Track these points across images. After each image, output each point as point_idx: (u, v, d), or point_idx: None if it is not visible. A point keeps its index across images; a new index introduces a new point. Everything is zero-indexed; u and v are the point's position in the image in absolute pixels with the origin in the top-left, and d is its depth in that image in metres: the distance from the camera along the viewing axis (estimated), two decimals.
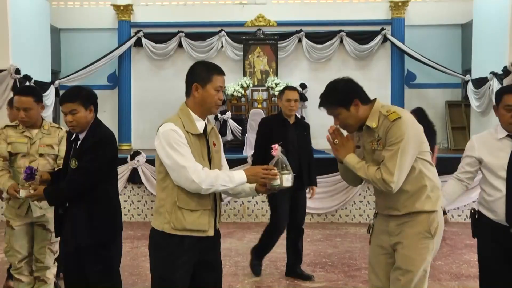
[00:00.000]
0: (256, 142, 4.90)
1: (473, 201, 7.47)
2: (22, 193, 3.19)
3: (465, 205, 7.57)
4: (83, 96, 3.02)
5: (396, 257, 2.69)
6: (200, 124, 2.64)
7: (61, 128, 3.82)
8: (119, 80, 11.70)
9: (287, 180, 2.60)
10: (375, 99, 2.71)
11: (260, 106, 10.73)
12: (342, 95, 2.63)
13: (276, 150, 2.62)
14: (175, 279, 2.56)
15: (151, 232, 2.66)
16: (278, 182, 2.57)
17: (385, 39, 11.35)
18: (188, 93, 2.67)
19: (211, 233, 2.60)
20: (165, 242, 2.58)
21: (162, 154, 2.54)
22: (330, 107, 2.66)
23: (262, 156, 4.25)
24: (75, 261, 3.03)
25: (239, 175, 2.55)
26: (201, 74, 2.62)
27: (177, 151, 2.49)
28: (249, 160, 7.40)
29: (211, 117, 3.00)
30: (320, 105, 2.73)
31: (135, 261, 5.56)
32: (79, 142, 3.04)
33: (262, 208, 7.60)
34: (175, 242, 2.55)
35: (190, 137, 2.57)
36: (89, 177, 2.95)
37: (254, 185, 2.66)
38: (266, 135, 4.53)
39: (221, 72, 2.67)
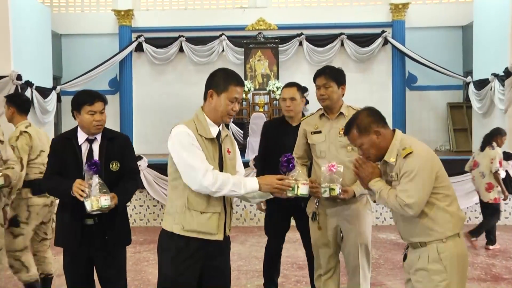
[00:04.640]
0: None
1: (476, 203, 7.46)
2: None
3: (467, 207, 7.53)
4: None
5: (349, 234, 3.32)
6: (213, 129, 2.64)
7: None
8: (121, 85, 11.74)
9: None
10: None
11: (261, 109, 10.75)
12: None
13: (332, 168, 2.94)
14: (180, 281, 2.56)
15: (161, 233, 2.66)
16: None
17: (386, 41, 11.36)
18: (204, 97, 2.67)
19: (219, 237, 2.58)
20: (172, 243, 2.58)
21: (174, 155, 2.55)
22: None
23: (262, 160, 4.14)
24: (85, 264, 3.04)
25: (251, 183, 2.53)
26: (219, 81, 2.61)
27: (189, 152, 2.49)
28: (251, 163, 7.40)
29: None
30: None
31: (137, 266, 5.55)
32: (95, 144, 3.03)
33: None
34: (181, 245, 2.55)
35: (203, 140, 2.57)
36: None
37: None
38: (267, 139, 4.14)
39: (239, 83, 2.62)
